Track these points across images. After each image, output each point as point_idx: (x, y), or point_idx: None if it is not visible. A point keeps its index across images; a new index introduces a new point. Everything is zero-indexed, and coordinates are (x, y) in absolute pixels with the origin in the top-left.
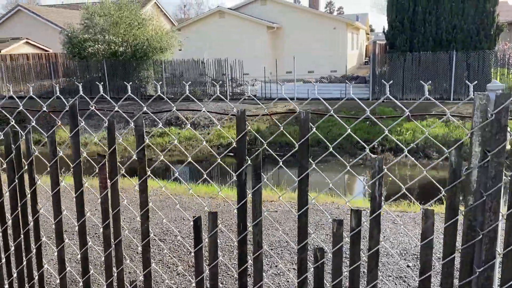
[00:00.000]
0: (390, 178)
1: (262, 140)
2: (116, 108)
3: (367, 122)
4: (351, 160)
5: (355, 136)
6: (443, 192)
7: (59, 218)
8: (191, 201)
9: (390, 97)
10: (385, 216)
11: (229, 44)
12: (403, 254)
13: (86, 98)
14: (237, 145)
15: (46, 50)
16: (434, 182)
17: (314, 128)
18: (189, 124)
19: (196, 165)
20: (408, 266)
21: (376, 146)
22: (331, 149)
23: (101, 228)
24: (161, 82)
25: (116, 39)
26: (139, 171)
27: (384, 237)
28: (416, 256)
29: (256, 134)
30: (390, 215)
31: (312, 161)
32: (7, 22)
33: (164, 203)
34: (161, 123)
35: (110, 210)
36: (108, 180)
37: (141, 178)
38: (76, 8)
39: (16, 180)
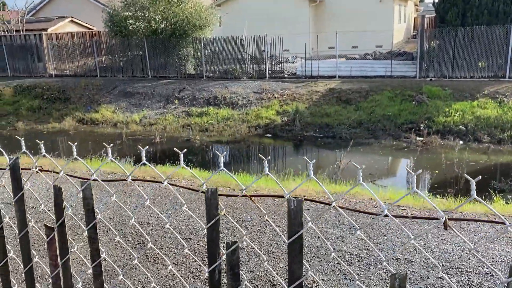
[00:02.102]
0: (437, 171)
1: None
2: (61, 173)
3: (414, 102)
4: (394, 143)
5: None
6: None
7: None
8: (222, 188)
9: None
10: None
11: (269, 20)
12: (447, 268)
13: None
14: (208, 234)
15: (90, 28)
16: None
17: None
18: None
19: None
20: (452, 282)
21: (422, 128)
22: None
23: None
24: (200, 60)
25: (156, 17)
26: (92, 253)
27: (425, 244)
28: (460, 270)
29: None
30: (434, 214)
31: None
32: (53, 1)
33: (193, 196)
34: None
35: None
36: (59, 258)
37: (94, 262)
38: None
39: None
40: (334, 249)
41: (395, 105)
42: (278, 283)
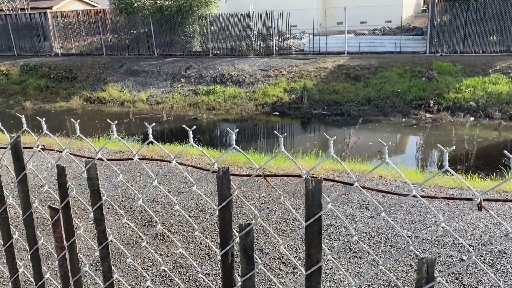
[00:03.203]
0: (447, 148)
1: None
2: (65, 153)
3: (423, 79)
4: (404, 120)
5: None
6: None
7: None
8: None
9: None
10: (437, 195)
11: None
12: (457, 245)
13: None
14: (220, 216)
15: (95, 6)
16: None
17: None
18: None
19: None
20: (462, 260)
21: (431, 104)
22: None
23: None
24: (206, 37)
25: None
26: (98, 235)
27: (436, 222)
28: (472, 247)
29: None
30: (444, 193)
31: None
32: None
33: (201, 175)
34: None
35: (69, 275)
36: (65, 241)
37: (101, 244)
38: None
39: None
40: (355, 233)
41: (405, 81)
42: (288, 260)
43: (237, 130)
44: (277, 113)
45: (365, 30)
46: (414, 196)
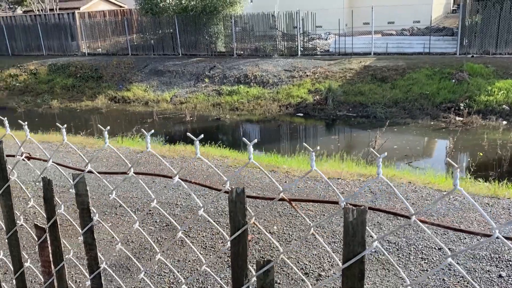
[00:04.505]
0: (481, 153)
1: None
2: (50, 163)
3: (453, 80)
4: (432, 123)
5: None
6: None
7: None
8: (251, 175)
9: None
10: (470, 203)
11: None
12: (494, 259)
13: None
14: (232, 249)
15: (121, 7)
16: None
17: None
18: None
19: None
20: (500, 276)
21: (462, 107)
22: None
23: None
24: (230, 37)
25: None
26: (89, 262)
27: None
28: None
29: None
30: (478, 201)
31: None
32: None
33: (222, 177)
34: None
35: None
36: (52, 265)
37: (93, 273)
38: None
39: None
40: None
41: (434, 83)
42: (311, 271)
43: (255, 140)
44: (300, 114)
45: (393, 30)
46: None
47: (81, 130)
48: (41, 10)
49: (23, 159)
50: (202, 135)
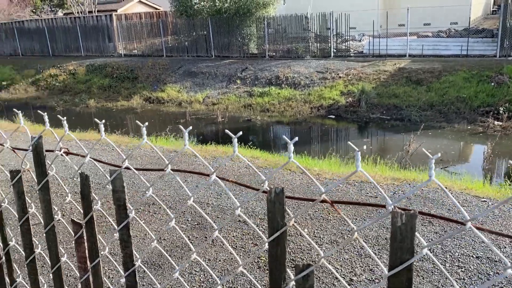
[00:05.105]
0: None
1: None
2: (88, 159)
3: (492, 83)
4: (469, 127)
5: None
6: None
7: None
8: (282, 177)
9: None
10: (511, 211)
11: None
12: None
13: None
14: (270, 251)
15: (157, 9)
16: None
17: None
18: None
19: None
20: None
21: (501, 111)
22: None
23: None
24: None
25: None
26: (124, 259)
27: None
28: None
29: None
30: None
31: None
32: None
33: (253, 178)
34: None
35: None
36: (88, 261)
37: (128, 270)
38: None
39: None
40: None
41: (471, 86)
42: (343, 275)
43: (296, 138)
44: (332, 116)
45: (429, 32)
46: None
47: (116, 129)
48: (81, 13)
49: (61, 154)
50: (240, 132)
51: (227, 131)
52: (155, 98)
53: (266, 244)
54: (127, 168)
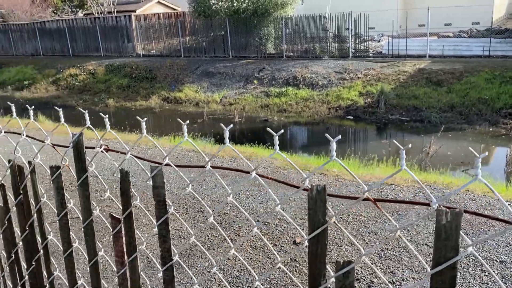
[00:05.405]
0: None
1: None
2: (129, 155)
3: None
4: (491, 129)
5: None
6: None
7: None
8: (299, 177)
9: None
10: None
11: None
12: None
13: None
14: (310, 248)
15: (175, 9)
16: None
17: None
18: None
19: None
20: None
21: None
22: None
23: None
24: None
25: None
26: (162, 253)
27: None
28: None
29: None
30: None
31: None
32: None
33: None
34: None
35: None
36: (126, 256)
37: (166, 265)
38: None
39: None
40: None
41: (494, 87)
42: (363, 277)
43: (339, 137)
44: (351, 117)
45: (450, 32)
46: None
47: (135, 129)
48: (100, 13)
49: (102, 151)
50: (282, 130)
51: (268, 129)
52: (172, 98)
53: (306, 241)
54: (168, 165)
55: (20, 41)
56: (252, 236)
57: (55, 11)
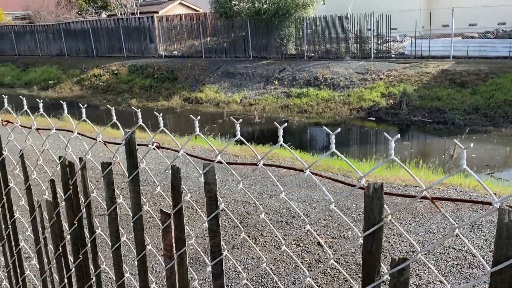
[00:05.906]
0: None
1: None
2: (181, 152)
3: None
4: None
5: None
6: None
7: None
8: (321, 179)
9: None
10: None
11: None
12: None
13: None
14: (364, 245)
15: (197, 10)
16: None
17: None
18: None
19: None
20: None
21: None
22: None
23: None
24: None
25: None
26: (212, 248)
27: None
28: None
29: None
30: None
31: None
32: None
33: (293, 178)
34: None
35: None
36: (174, 250)
37: (215, 259)
38: None
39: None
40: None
41: None
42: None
43: (398, 136)
44: (372, 118)
45: (475, 33)
46: None
47: (157, 128)
48: (123, 14)
49: (153, 148)
50: (339, 129)
51: (324, 127)
52: (193, 98)
53: (360, 239)
54: (219, 162)
55: (45, 41)
56: (276, 236)
57: (79, 12)
